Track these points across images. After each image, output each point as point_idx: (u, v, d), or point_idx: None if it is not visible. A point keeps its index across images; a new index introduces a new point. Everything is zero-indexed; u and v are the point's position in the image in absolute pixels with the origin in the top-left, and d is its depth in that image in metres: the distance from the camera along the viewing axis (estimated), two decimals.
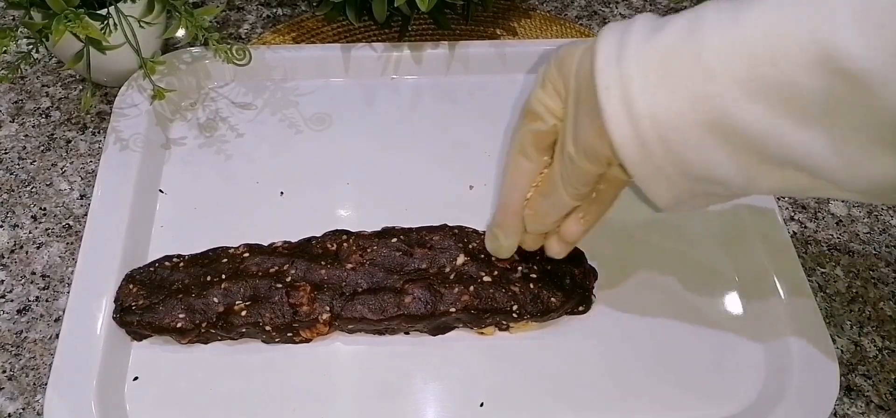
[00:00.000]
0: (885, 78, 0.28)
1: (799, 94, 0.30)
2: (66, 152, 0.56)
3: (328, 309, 0.45)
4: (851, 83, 0.29)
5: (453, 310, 0.45)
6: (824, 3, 0.29)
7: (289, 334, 0.45)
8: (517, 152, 0.42)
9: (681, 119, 0.32)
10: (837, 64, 0.29)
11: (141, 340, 0.46)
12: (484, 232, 0.49)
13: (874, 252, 0.54)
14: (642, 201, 0.54)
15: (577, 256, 0.49)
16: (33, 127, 0.57)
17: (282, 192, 0.53)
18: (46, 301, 0.48)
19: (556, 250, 0.44)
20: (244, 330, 0.45)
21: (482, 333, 0.47)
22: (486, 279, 0.46)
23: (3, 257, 0.50)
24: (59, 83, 0.60)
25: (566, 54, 0.38)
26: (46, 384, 0.42)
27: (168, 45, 0.62)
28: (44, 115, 0.58)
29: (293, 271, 0.46)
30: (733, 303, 0.50)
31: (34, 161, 0.55)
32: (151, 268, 0.46)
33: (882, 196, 0.33)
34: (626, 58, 0.34)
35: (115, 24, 0.52)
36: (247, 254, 0.47)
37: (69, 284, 0.46)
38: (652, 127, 0.33)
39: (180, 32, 0.55)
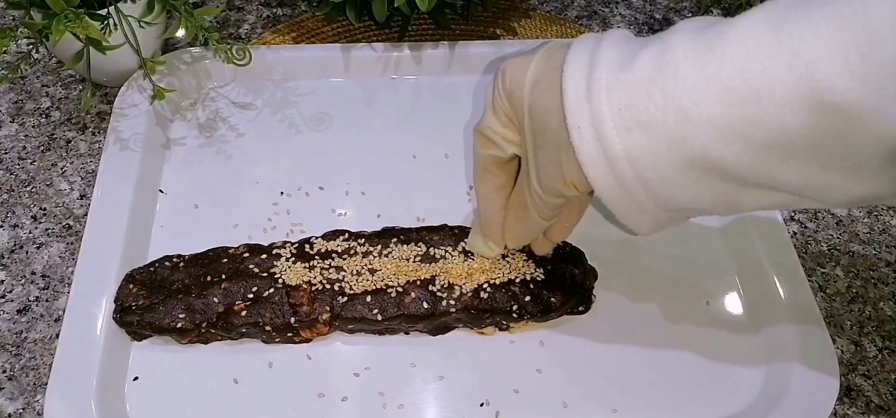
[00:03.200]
0: (870, 107, 0.27)
1: (783, 133, 0.29)
2: (66, 152, 0.56)
3: (328, 309, 0.45)
4: (838, 116, 0.28)
5: (453, 310, 0.45)
6: (802, 38, 0.28)
7: (289, 334, 0.45)
8: (482, 172, 0.42)
9: (658, 159, 0.32)
10: (823, 99, 0.28)
11: (141, 340, 0.46)
12: None
13: (874, 252, 0.54)
14: None
15: (577, 256, 0.49)
16: (33, 127, 0.57)
17: (282, 192, 0.53)
18: (46, 301, 0.48)
19: (543, 251, 0.46)
20: (244, 330, 0.45)
21: (482, 333, 0.47)
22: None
23: (3, 257, 0.50)
24: (59, 83, 0.60)
25: (513, 82, 0.37)
26: (46, 384, 0.42)
27: (168, 45, 0.62)
28: (44, 115, 0.58)
29: (293, 271, 0.45)
30: (733, 303, 0.50)
31: (34, 161, 0.55)
32: (151, 268, 0.46)
33: (867, 204, 0.33)
34: (596, 96, 0.33)
35: (115, 24, 0.52)
36: (247, 254, 0.47)
37: (69, 284, 0.46)
38: (630, 168, 0.33)
39: (180, 32, 0.55)
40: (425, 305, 0.45)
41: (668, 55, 0.31)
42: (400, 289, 0.45)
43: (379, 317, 0.44)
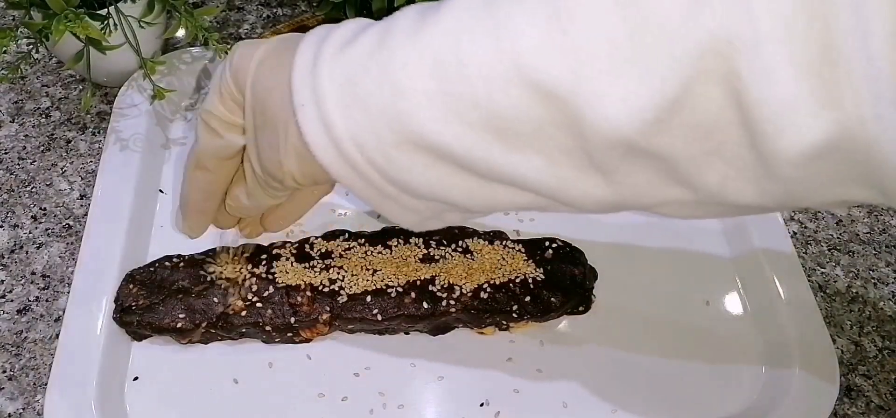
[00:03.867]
0: (581, 93, 0.25)
1: (497, 114, 0.27)
2: (66, 152, 0.56)
3: (328, 309, 0.45)
4: (552, 101, 0.26)
5: (453, 310, 0.45)
6: (509, 10, 0.26)
7: (289, 334, 0.45)
8: (195, 163, 0.39)
9: (380, 140, 0.29)
10: (531, 78, 0.26)
11: (141, 340, 0.46)
12: (484, 232, 0.49)
13: (874, 252, 0.54)
14: None
15: (577, 256, 0.49)
16: (33, 127, 0.57)
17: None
18: (46, 301, 0.48)
19: (253, 234, 0.46)
20: (244, 330, 0.45)
21: (482, 333, 0.47)
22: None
23: (3, 257, 0.50)
24: (59, 83, 0.60)
25: (241, 60, 0.34)
26: (46, 384, 0.42)
27: (168, 45, 0.62)
28: (44, 115, 0.58)
29: (293, 271, 0.45)
30: (733, 303, 0.50)
31: (34, 161, 0.55)
32: (151, 268, 0.46)
33: (614, 210, 0.30)
34: (320, 73, 0.30)
35: (115, 24, 0.52)
36: (247, 255, 0.47)
37: (69, 284, 0.46)
38: (357, 150, 0.30)
39: (180, 32, 0.55)
40: (425, 305, 0.45)
41: (389, 31, 0.30)
42: (400, 290, 0.45)
43: (379, 318, 0.44)
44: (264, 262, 0.46)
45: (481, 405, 0.44)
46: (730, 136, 0.25)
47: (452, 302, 0.45)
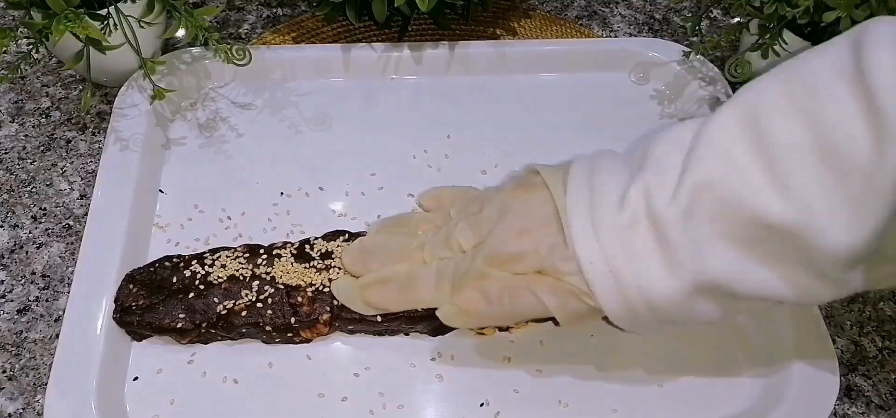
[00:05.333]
0: (812, 228, 0.32)
1: (756, 237, 0.33)
2: (66, 152, 0.56)
3: (328, 309, 0.45)
4: (788, 237, 0.32)
5: None
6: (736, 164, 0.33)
7: (289, 334, 0.45)
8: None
9: (671, 290, 0.35)
10: (760, 220, 0.33)
11: (141, 340, 0.46)
12: None
13: None
14: None
15: None
16: (33, 127, 0.57)
17: (282, 192, 0.53)
18: (46, 301, 0.48)
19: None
20: (244, 330, 0.45)
21: (482, 334, 0.47)
22: None
23: (3, 257, 0.50)
24: (59, 83, 0.60)
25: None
26: (46, 384, 0.42)
27: (168, 45, 0.62)
28: (44, 115, 0.58)
29: (293, 271, 0.45)
30: None
31: (34, 161, 0.55)
32: (151, 268, 0.46)
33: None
34: (604, 231, 0.36)
35: (115, 24, 0.52)
36: (247, 255, 0.47)
37: (69, 284, 0.46)
38: (640, 297, 0.36)
39: (180, 32, 0.55)
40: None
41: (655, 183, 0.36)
42: None
43: (378, 318, 0.44)
44: (264, 263, 0.46)
45: (481, 405, 0.44)
46: None
47: None
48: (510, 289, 0.39)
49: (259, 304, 0.44)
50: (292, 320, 0.44)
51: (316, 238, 0.48)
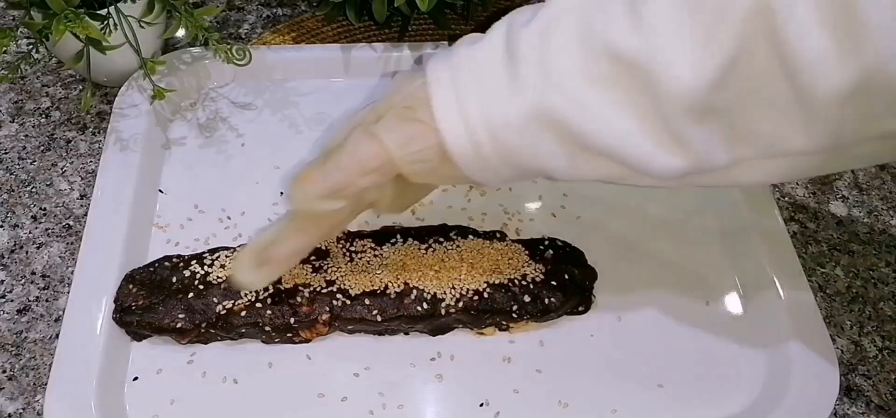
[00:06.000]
0: (656, 61, 0.30)
1: (607, 73, 0.32)
2: (66, 152, 0.56)
3: (328, 309, 0.45)
4: (633, 71, 0.31)
5: (453, 310, 0.45)
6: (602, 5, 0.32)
7: (288, 334, 0.45)
8: (298, 232, 0.39)
9: (512, 110, 0.33)
10: (617, 55, 0.31)
11: (141, 340, 0.46)
12: (483, 231, 0.49)
13: (874, 252, 0.54)
14: (641, 204, 0.54)
15: (577, 256, 0.49)
16: (33, 127, 0.57)
17: (282, 192, 0.53)
18: (46, 301, 0.48)
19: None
20: (244, 330, 0.45)
21: (482, 334, 0.47)
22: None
23: (3, 257, 0.50)
24: (59, 83, 0.60)
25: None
26: (46, 384, 0.42)
27: (168, 45, 0.62)
28: (44, 115, 0.58)
29: (292, 271, 0.45)
30: (733, 303, 0.50)
31: (34, 161, 0.55)
32: (151, 269, 0.46)
33: (693, 181, 0.34)
34: (458, 67, 0.34)
35: (115, 24, 0.52)
36: None
37: (69, 284, 0.46)
38: (480, 115, 0.33)
39: (180, 32, 0.55)
40: (425, 306, 0.45)
41: (512, 31, 0.34)
42: (399, 290, 0.45)
43: (378, 318, 0.44)
44: None
45: (481, 405, 0.44)
46: (777, 88, 0.30)
47: (452, 302, 0.45)
48: (346, 137, 0.36)
49: (258, 304, 0.44)
50: (292, 320, 0.44)
51: None
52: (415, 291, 0.45)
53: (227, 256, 0.47)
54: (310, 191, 0.37)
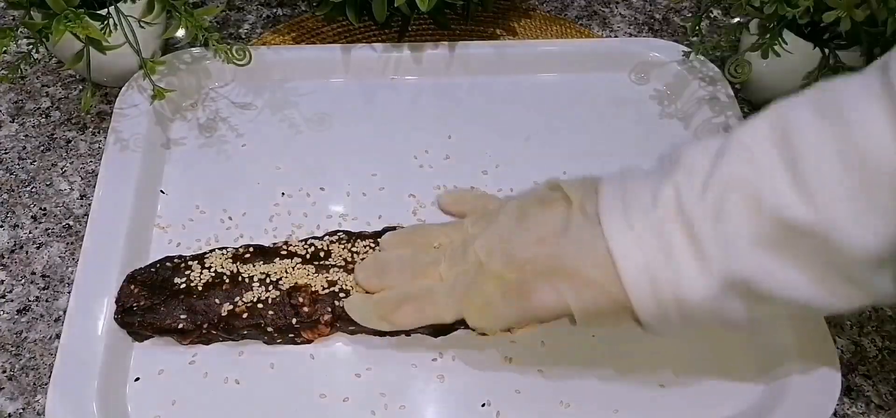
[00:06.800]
0: (826, 230, 0.32)
1: (782, 238, 0.34)
2: (66, 152, 0.56)
3: (329, 310, 0.44)
4: (803, 234, 0.33)
5: None
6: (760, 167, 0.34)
7: (290, 335, 0.45)
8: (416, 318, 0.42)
9: (702, 287, 0.35)
10: (784, 221, 0.33)
11: (142, 341, 0.45)
12: None
13: None
14: None
15: None
16: (33, 127, 0.57)
17: (283, 193, 0.53)
18: (46, 301, 0.48)
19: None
20: (246, 331, 0.45)
21: (484, 334, 0.47)
22: None
23: (3, 257, 0.50)
24: (59, 83, 0.60)
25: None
26: (47, 384, 0.42)
27: (168, 45, 0.62)
28: (44, 115, 0.58)
29: (294, 272, 0.45)
30: None
31: (34, 161, 0.55)
32: (152, 269, 0.46)
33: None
34: (638, 228, 0.36)
35: (115, 24, 0.52)
36: (248, 256, 0.47)
37: (69, 284, 0.46)
38: (672, 293, 0.36)
39: (180, 32, 0.54)
40: None
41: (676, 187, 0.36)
42: None
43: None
44: (266, 263, 0.46)
45: (483, 405, 0.44)
46: None
47: None
48: (527, 282, 0.39)
49: (260, 305, 0.44)
50: (294, 321, 0.44)
51: (317, 239, 0.48)
52: None
53: (228, 257, 0.47)
54: (490, 326, 0.41)
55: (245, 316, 0.44)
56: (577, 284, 0.38)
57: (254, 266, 0.46)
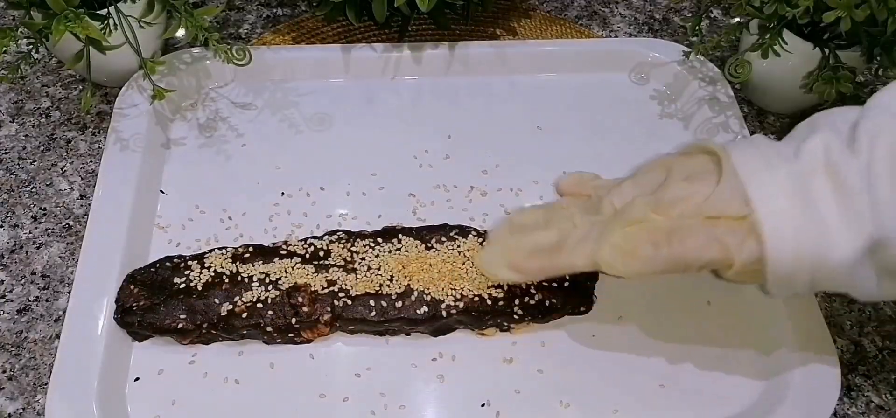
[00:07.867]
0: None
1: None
2: (66, 152, 0.56)
3: (329, 310, 0.44)
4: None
5: (454, 311, 0.45)
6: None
7: (290, 335, 0.45)
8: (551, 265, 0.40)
9: (847, 243, 0.34)
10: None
11: (142, 341, 0.45)
12: (484, 231, 0.49)
13: None
14: None
15: None
16: (33, 127, 0.57)
17: (283, 192, 0.53)
18: (46, 301, 0.48)
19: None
20: (245, 331, 0.45)
21: (483, 334, 0.47)
22: None
23: (3, 257, 0.50)
24: (59, 83, 0.60)
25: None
26: (47, 384, 0.42)
27: (168, 45, 0.62)
28: (44, 115, 0.58)
29: (294, 272, 0.45)
30: (734, 303, 0.50)
31: (34, 161, 0.55)
32: (152, 269, 0.46)
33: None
34: (781, 176, 0.35)
35: (115, 24, 0.52)
36: (247, 255, 0.47)
37: (69, 284, 0.46)
38: (813, 249, 0.34)
39: (180, 32, 0.54)
40: (426, 307, 0.45)
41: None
42: (400, 291, 0.45)
43: (379, 319, 0.44)
44: (265, 263, 0.46)
45: (482, 405, 0.44)
46: None
47: (453, 303, 0.45)
48: (682, 229, 0.36)
49: (260, 305, 0.44)
50: (293, 321, 0.44)
51: (317, 239, 0.48)
52: (416, 292, 0.45)
53: (228, 257, 0.47)
54: (632, 271, 0.38)
55: (245, 315, 0.44)
56: (735, 227, 0.35)
57: (253, 266, 0.46)
